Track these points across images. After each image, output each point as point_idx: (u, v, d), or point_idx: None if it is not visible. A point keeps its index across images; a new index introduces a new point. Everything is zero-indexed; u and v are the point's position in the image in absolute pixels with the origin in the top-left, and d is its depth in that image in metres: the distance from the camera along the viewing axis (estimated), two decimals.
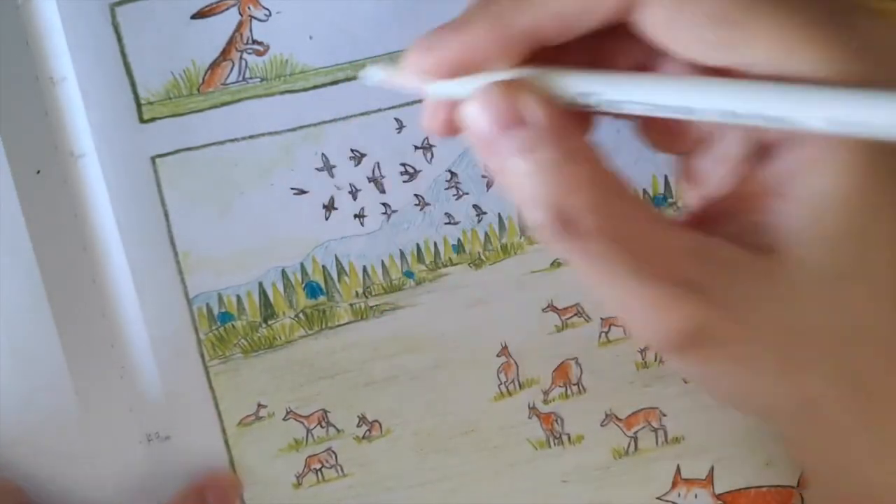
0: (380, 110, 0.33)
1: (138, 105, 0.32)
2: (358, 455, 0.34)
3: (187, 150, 0.33)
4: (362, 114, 0.33)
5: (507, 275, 0.34)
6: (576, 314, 0.34)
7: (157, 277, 0.33)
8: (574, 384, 0.35)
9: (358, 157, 0.33)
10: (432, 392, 0.34)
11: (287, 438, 0.34)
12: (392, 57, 0.32)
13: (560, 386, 0.35)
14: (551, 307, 0.34)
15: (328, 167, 0.33)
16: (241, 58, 0.32)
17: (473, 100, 0.21)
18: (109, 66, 0.32)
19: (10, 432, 0.32)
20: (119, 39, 0.32)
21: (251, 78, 0.32)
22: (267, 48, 0.32)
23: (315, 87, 0.33)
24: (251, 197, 0.33)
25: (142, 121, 0.32)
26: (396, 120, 0.33)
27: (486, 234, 0.34)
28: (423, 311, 0.34)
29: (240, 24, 0.32)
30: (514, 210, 0.34)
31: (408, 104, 0.33)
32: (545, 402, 0.35)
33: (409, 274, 0.34)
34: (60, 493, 0.32)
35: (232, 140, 0.33)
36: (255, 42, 0.32)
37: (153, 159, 0.32)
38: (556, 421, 0.35)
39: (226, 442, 0.34)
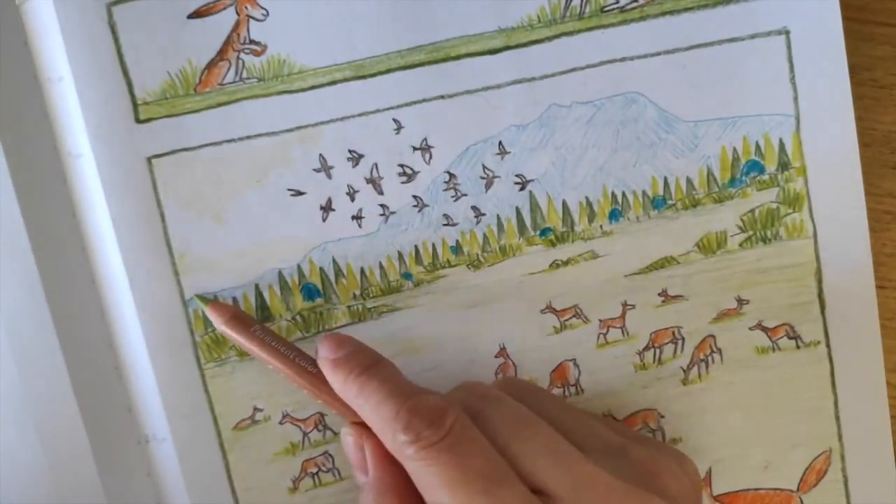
0: (378, 111, 0.33)
1: (135, 105, 0.32)
2: None
3: (183, 151, 0.32)
4: (360, 114, 0.33)
5: (506, 276, 0.34)
6: (574, 315, 0.34)
7: (153, 278, 0.32)
8: (572, 385, 0.35)
9: (356, 157, 0.33)
10: None
11: (283, 442, 0.34)
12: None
13: (558, 387, 0.34)
14: (549, 308, 0.34)
15: (326, 168, 0.33)
16: (237, 58, 0.32)
17: (345, 436, 0.31)
18: (106, 65, 0.32)
19: (7, 432, 0.32)
20: (115, 39, 0.32)
21: (248, 78, 0.32)
22: (264, 48, 0.32)
23: (312, 87, 0.32)
24: (248, 198, 0.33)
25: (138, 121, 0.32)
26: (395, 121, 0.33)
27: (484, 235, 0.34)
28: (421, 312, 0.34)
29: (237, 24, 0.32)
30: (512, 212, 0.34)
31: (406, 105, 0.33)
32: None
33: (407, 275, 0.34)
34: (57, 492, 0.32)
35: (228, 141, 0.32)
36: (252, 42, 0.32)
37: (149, 160, 0.32)
38: None
39: (221, 445, 0.33)
